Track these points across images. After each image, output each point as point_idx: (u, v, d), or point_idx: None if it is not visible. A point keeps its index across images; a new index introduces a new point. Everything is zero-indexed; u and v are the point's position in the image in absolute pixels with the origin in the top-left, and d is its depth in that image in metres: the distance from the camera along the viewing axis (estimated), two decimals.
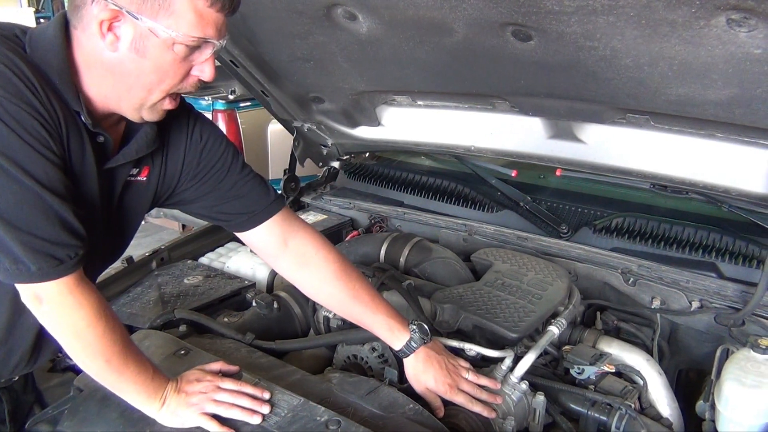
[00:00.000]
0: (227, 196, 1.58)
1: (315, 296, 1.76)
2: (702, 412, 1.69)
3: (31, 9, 10.21)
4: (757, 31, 1.33)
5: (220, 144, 1.57)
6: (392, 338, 1.63)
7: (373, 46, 1.97)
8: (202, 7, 1.22)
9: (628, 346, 1.88)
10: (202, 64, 1.30)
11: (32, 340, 1.49)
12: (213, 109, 4.78)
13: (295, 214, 1.71)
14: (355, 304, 1.65)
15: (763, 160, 1.81)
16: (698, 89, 1.61)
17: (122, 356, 1.33)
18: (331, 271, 1.64)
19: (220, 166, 1.56)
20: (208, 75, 1.32)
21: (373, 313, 1.64)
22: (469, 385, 1.60)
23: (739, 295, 1.94)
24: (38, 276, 1.21)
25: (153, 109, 1.33)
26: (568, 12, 1.47)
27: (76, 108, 1.27)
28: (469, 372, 1.63)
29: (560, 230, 2.37)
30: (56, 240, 1.21)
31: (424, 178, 2.80)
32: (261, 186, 1.62)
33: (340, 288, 1.64)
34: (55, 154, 1.22)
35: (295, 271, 1.68)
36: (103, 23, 1.20)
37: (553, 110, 2.09)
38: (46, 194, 1.19)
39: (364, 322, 1.66)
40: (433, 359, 1.61)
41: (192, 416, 1.39)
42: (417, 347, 1.62)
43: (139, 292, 2.17)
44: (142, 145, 1.41)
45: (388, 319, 1.63)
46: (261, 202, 1.60)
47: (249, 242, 1.67)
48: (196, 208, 1.62)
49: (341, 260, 1.67)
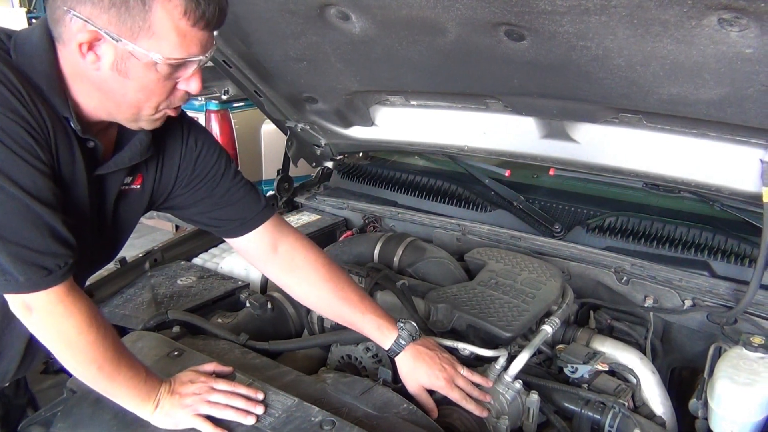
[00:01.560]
0: (220, 203, 1.58)
1: (304, 300, 1.75)
2: (695, 410, 1.69)
3: (23, 9, 10.16)
4: (749, 30, 1.33)
5: (214, 151, 1.57)
6: (381, 337, 1.64)
7: (366, 46, 1.97)
8: (184, 27, 1.17)
9: (621, 345, 1.88)
10: (188, 80, 1.27)
11: (22, 348, 1.48)
12: (206, 109, 4.76)
13: (284, 220, 1.72)
14: (344, 306, 1.65)
15: (755, 158, 1.81)
16: (690, 89, 1.62)
17: (114, 362, 1.32)
18: (320, 275, 1.65)
19: (213, 174, 1.56)
20: (195, 89, 1.29)
21: (362, 314, 1.64)
22: (464, 380, 1.59)
23: (732, 294, 1.95)
24: (26, 286, 1.20)
25: (151, 120, 1.31)
26: (560, 12, 1.47)
27: (64, 114, 1.24)
28: (464, 368, 1.63)
29: (553, 229, 2.37)
30: (45, 250, 1.19)
31: (417, 178, 2.80)
32: (252, 193, 1.62)
33: (329, 291, 1.65)
34: (43, 163, 1.19)
35: (284, 276, 1.68)
36: (82, 45, 1.17)
37: (546, 110, 2.09)
38: (34, 204, 1.17)
39: (354, 323, 1.67)
40: (423, 355, 1.61)
41: (186, 417, 1.39)
42: (406, 344, 1.62)
43: (133, 293, 2.16)
44: (135, 153, 1.39)
45: (377, 319, 1.64)
46: (252, 209, 1.61)
47: (238, 248, 1.67)
48: (189, 214, 1.62)
49: (329, 264, 1.67)
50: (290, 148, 2.85)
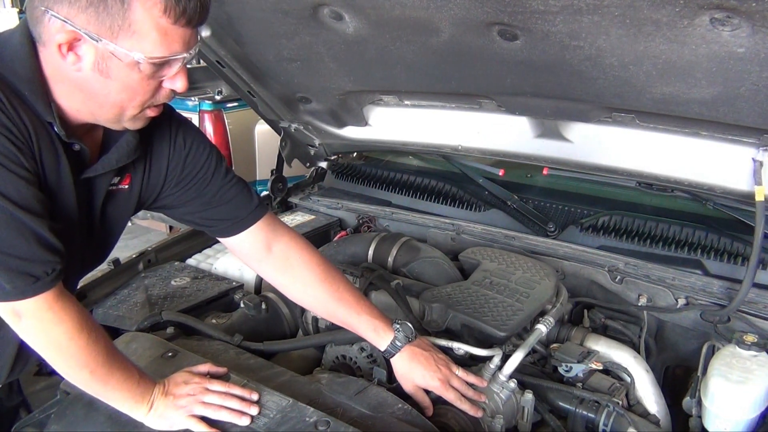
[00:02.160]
0: (211, 202, 1.56)
1: (299, 300, 1.75)
2: (689, 408, 1.70)
3: (15, 9, 10.09)
4: (740, 30, 1.34)
5: (204, 150, 1.55)
6: (377, 339, 1.63)
7: (359, 46, 1.97)
8: (165, 24, 1.15)
9: (615, 344, 1.88)
10: (173, 78, 1.24)
11: (14, 353, 1.47)
12: (200, 109, 4.75)
13: (278, 218, 1.70)
14: (340, 306, 1.64)
15: (747, 157, 1.82)
16: (683, 88, 1.63)
17: (106, 365, 1.31)
18: (315, 275, 1.64)
19: (204, 173, 1.54)
20: (181, 87, 1.26)
21: (358, 314, 1.64)
22: (459, 381, 1.59)
23: (725, 292, 1.95)
24: (14, 294, 1.19)
25: (134, 120, 1.29)
26: (553, 11, 1.48)
27: (48, 119, 1.22)
28: (459, 369, 1.62)
29: (547, 229, 2.38)
30: (32, 257, 1.18)
31: (411, 178, 2.80)
32: (245, 192, 1.60)
33: (324, 290, 1.64)
34: (27, 170, 1.18)
35: (279, 276, 1.67)
36: (61, 46, 1.15)
37: (539, 109, 2.10)
38: (19, 213, 1.16)
39: (349, 323, 1.66)
40: (419, 356, 1.60)
41: (180, 418, 1.38)
42: (402, 346, 1.61)
43: (126, 294, 2.15)
44: (123, 155, 1.37)
45: (373, 320, 1.63)
46: (245, 208, 1.59)
47: (232, 247, 1.66)
48: (179, 213, 1.61)
49: (324, 264, 1.66)
50: (284, 149, 2.84)
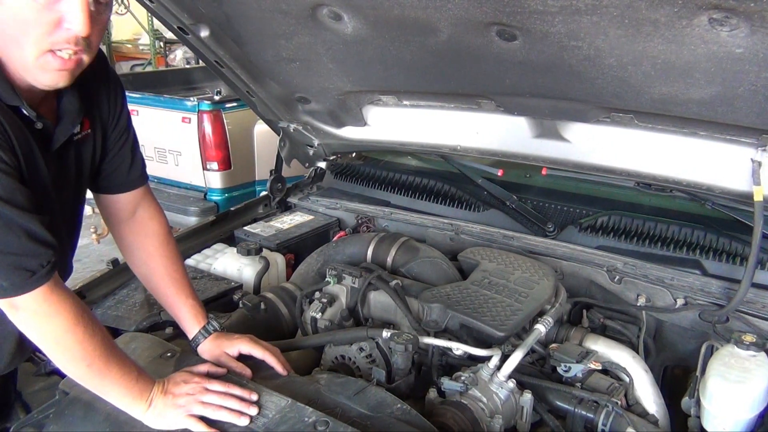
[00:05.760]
0: (114, 161, 1.61)
1: (138, 266, 1.75)
2: (687, 408, 1.70)
3: None
4: (739, 30, 1.34)
5: (126, 111, 1.61)
6: (193, 325, 1.67)
7: (358, 46, 1.97)
8: None
9: (614, 344, 1.89)
10: (71, 14, 1.16)
11: (15, 343, 1.49)
12: (198, 110, 4.74)
13: (154, 196, 1.76)
14: (171, 285, 1.68)
15: (746, 157, 1.83)
16: (681, 88, 1.63)
17: (104, 359, 1.32)
18: (162, 250, 1.69)
19: (121, 133, 1.60)
20: (78, 26, 1.17)
21: (186, 297, 1.68)
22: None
23: (723, 292, 1.95)
24: (11, 290, 1.20)
25: (43, 70, 1.23)
26: (552, 12, 1.48)
27: (13, 102, 1.23)
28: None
29: (546, 229, 2.38)
30: (24, 252, 1.19)
31: (410, 178, 2.80)
32: (140, 159, 1.67)
33: (164, 266, 1.68)
34: (7, 164, 1.18)
35: (133, 238, 1.71)
36: None
37: (538, 109, 2.10)
38: (6, 209, 1.16)
39: (174, 304, 1.68)
40: (221, 337, 1.66)
41: (179, 418, 1.39)
42: (211, 334, 1.66)
43: (125, 295, 2.15)
44: (73, 115, 1.40)
45: (198, 308, 1.68)
46: (135, 172, 1.66)
47: (104, 204, 1.70)
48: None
49: (174, 248, 1.72)
50: (283, 149, 2.85)
